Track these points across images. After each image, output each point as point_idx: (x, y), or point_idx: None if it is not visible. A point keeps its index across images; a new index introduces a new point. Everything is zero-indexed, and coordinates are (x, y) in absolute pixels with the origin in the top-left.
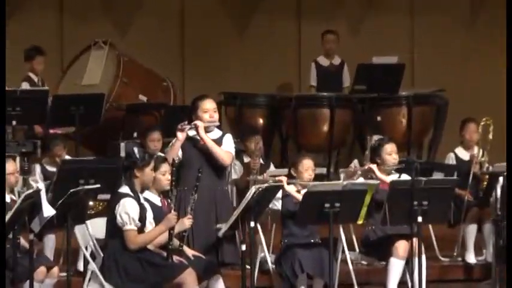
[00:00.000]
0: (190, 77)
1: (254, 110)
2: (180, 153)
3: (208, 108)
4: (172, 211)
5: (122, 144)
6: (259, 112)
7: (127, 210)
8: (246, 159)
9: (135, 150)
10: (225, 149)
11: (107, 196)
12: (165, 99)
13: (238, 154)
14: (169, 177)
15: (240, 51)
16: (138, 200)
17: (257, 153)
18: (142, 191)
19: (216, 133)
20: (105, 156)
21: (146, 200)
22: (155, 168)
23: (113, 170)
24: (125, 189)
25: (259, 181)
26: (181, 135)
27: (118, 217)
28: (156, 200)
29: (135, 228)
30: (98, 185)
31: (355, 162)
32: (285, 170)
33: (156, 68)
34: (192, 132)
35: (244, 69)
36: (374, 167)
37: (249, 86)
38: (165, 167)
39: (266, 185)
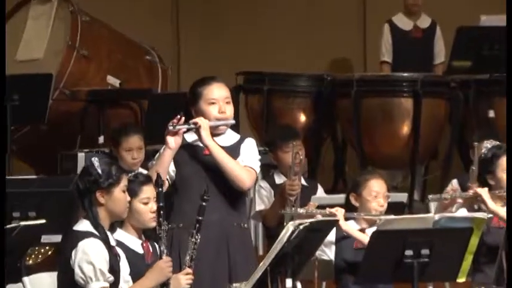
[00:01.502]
0: (187, 49)
1: (291, 101)
2: (172, 169)
3: (217, 98)
4: (164, 256)
5: (80, 155)
6: (300, 103)
7: (90, 258)
8: (279, 179)
9: (95, 161)
10: (245, 163)
11: (57, 237)
12: (149, 82)
13: (266, 171)
14: (155, 207)
15: (265, 10)
16: (106, 240)
17: (296, 170)
18: (112, 228)
19: (230, 137)
20: (52, 174)
21: (119, 243)
22: (132, 194)
23: (65, 196)
24: (84, 225)
25: (299, 215)
26: (173, 141)
27: (77, 270)
28: (135, 243)
29: (107, 285)
30: (42, 220)
31: (454, 183)
32: (342, 197)
33: (136, 36)
34: (191, 137)
35: (272, 37)
36: (484, 192)
37: (281, 64)
38: (148, 192)
39: (311, 220)
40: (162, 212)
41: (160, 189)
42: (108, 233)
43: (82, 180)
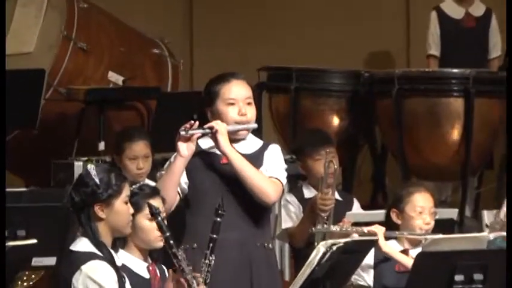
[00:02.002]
0: (202, 42)
1: (323, 101)
2: (184, 180)
3: (237, 98)
4: (184, 279)
5: (77, 164)
6: (333, 104)
7: (98, 279)
8: (308, 193)
9: (91, 170)
10: (269, 174)
11: (50, 260)
12: (157, 79)
13: (294, 183)
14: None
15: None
16: (111, 261)
17: (329, 181)
18: (114, 247)
19: (252, 144)
20: (45, 186)
21: (122, 266)
22: (137, 208)
23: (59, 212)
24: (83, 244)
25: (332, 233)
26: (186, 148)
27: None
28: (140, 266)
29: None
30: (33, 240)
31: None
32: (381, 213)
33: (143, 26)
34: (206, 143)
35: (300, 28)
36: (380, 232)
37: (311, 58)
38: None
39: (346, 240)
40: (171, 242)
41: (159, 218)
42: (113, 252)
43: (77, 192)
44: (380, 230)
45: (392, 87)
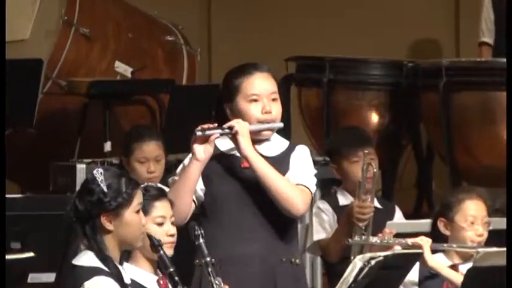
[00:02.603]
0: (221, 28)
1: (361, 95)
2: (200, 187)
3: (260, 93)
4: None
5: (80, 167)
6: (372, 99)
7: None
8: (344, 200)
9: (98, 174)
10: (297, 181)
11: (48, 276)
12: (170, 70)
13: (327, 189)
14: (172, 229)
15: None
16: (119, 277)
17: (368, 187)
18: (121, 261)
19: (277, 145)
20: (43, 192)
21: (131, 282)
22: (143, 213)
23: (60, 222)
24: (87, 258)
25: (371, 246)
26: (203, 151)
27: None
28: (149, 280)
29: None
30: (30, 254)
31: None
32: (427, 223)
33: (155, 10)
34: (225, 144)
35: (333, 12)
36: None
37: (347, 47)
38: (162, 209)
39: (386, 254)
40: (176, 279)
41: (161, 252)
42: (121, 268)
43: (82, 200)
44: (426, 243)
45: (439, 79)
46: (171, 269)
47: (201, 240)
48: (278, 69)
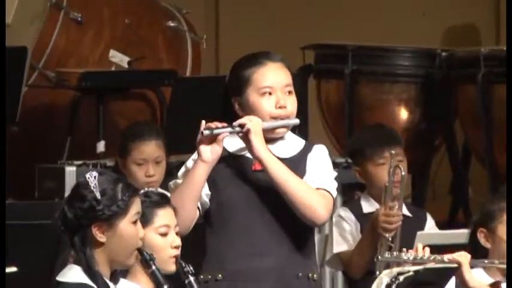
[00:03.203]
0: (229, 14)
1: (388, 88)
2: (206, 192)
3: (274, 86)
4: None
5: (70, 170)
6: (401, 92)
7: None
8: (368, 207)
9: (91, 178)
10: (316, 185)
11: None
12: (173, 60)
13: (349, 194)
14: (177, 240)
15: None
16: None
17: (395, 192)
18: (114, 278)
19: (292, 144)
20: (28, 198)
21: None
22: (143, 221)
23: (46, 232)
24: (73, 273)
25: (399, 261)
26: (209, 151)
27: None
28: None
29: None
30: (13, 268)
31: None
32: (463, 233)
33: None
34: (234, 144)
35: None
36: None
37: (371, 34)
38: (166, 217)
39: (416, 268)
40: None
41: (153, 267)
42: (111, 285)
43: (72, 206)
44: (465, 259)
45: (477, 70)
46: (165, 286)
47: (191, 278)
48: (294, 58)
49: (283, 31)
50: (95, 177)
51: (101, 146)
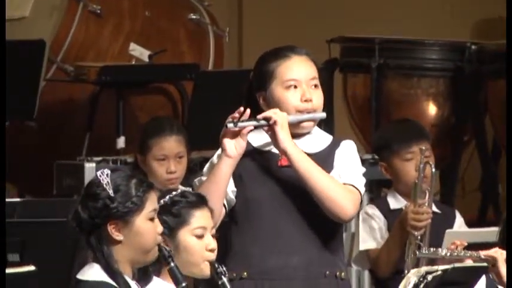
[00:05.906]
0: (254, 6)
1: (416, 83)
2: (232, 189)
3: (299, 79)
4: None
5: (89, 167)
6: (429, 87)
7: None
8: (396, 204)
9: (103, 176)
10: (344, 180)
11: None
12: (194, 54)
13: (376, 191)
14: (213, 243)
15: None
16: None
17: (424, 189)
18: (145, 275)
19: (319, 139)
20: (45, 195)
21: None
22: (180, 223)
23: (65, 229)
24: (93, 272)
25: (436, 257)
26: (234, 146)
27: None
28: None
29: None
30: (30, 267)
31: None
32: (493, 231)
33: None
34: (259, 139)
35: None
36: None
37: (398, 26)
38: (202, 218)
39: (445, 267)
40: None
41: (172, 264)
42: (132, 283)
43: (85, 206)
44: (501, 255)
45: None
46: (183, 284)
47: (224, 279)
48: (319, 52)
49: (308, 24)
50: (107, 174)
51: (121, 142)
